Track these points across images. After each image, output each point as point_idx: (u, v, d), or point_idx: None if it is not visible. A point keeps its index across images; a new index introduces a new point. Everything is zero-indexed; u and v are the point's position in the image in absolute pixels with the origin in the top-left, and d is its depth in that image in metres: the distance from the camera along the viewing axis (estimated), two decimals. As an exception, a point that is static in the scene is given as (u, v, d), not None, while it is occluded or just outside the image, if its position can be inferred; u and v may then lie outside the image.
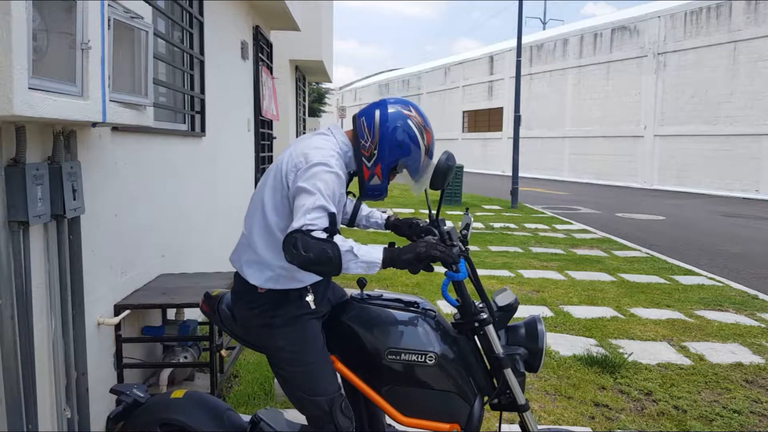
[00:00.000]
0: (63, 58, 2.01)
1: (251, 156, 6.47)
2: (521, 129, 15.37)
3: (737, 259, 8.03)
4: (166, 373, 3.06)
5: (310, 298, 1.91)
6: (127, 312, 2.87)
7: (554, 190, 19.98)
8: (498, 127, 31.06)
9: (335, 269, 1.66)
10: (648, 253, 8.27)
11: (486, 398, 1.96)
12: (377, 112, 1.92)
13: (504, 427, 3.09)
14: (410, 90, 39.39)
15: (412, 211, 12.85)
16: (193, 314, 3.55)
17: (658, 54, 21.63)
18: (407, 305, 2.00)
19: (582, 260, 7.62)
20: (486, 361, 1.96)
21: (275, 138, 8.25)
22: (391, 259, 1.73)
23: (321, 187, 1.71)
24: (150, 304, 2.95)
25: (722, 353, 4.21)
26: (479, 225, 10.96)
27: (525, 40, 21.67)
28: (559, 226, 10.96)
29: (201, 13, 4.45)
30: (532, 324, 1.98)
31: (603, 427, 3.11)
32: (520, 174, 15.30)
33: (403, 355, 1.88)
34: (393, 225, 2.27)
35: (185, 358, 3.12)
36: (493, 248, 8.60)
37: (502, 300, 1.96)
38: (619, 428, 3.11)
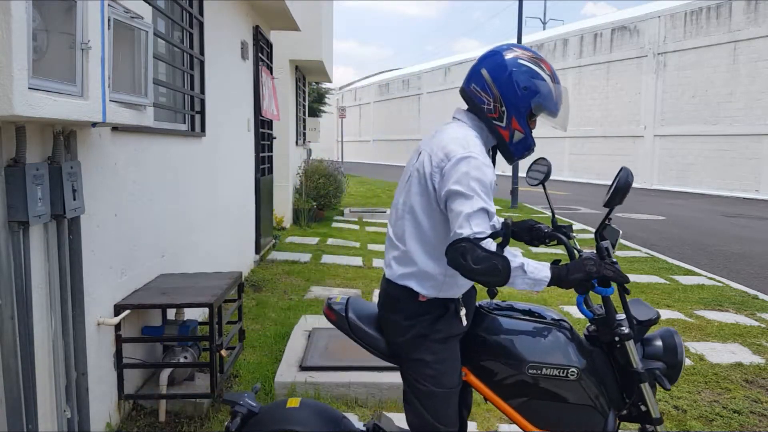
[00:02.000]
0: (63, 58, 2.02)
1: (251, 156, 6.47)
2: (521, 129, 15.34)
3: (737, 259, 8.03)
4: (166, 373, 3.06)
5: (463, 312, 1.87)
6: (127, 312, 2.87)
7: (554, 190, 19.98)
8: (498, 127, 31.02)
9: (501, 282, 1.62)
10: (648, 253, 8.27)
11: (618, 411, 1.93)
12: (484, 71, 1.82)
13: (504, 427, 3.09)
14: (410, 90, 39.39)
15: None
16: (193, 314, 3.55)
17: (658, 54, 21.62)
18: (537, 316, 1.97)
19: (582, 260, 7.61)
20: (616, 373, 1.92)
21: (275, 138, 8.24)
22: (558, 277, 1.68)
23: (476, 187, 1.65)
24: (150, 304, 2.95)
25: (722, 353, 4.21)
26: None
27: (525, 40, 21.67)
28: (559, 226, 10.95)
29: (201, 13, 4.45)
30: (668, 337, 1.94)
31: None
32: (520, 174, 15.30)
33: (544, 369, 1.84)
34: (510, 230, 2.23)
35: (185, 358, 3.12)
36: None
37: (643, 315, 1.93)
38: (618, 428, 3.11)
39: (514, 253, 1.65)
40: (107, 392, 2.82)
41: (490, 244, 1.61)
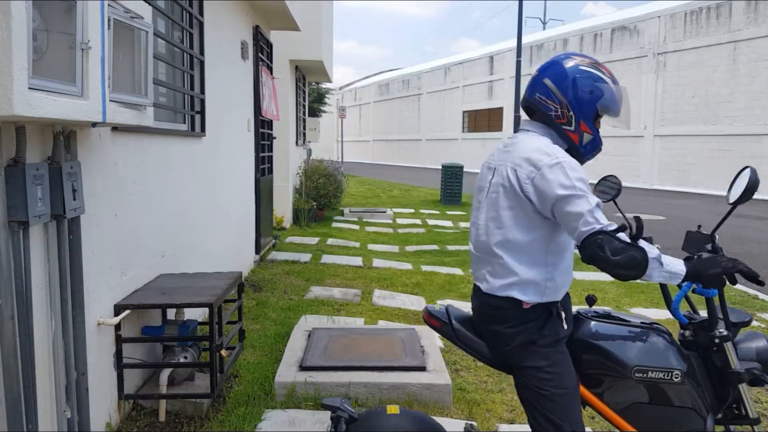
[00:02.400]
0: (63, 58, 2.02)
1: (251, 156, 6.47)
2: (521, 129, 15.36)
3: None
4: (166, 373, 3.06)
5: (563, 315, 1.91)
6: (127, 312, 2.87)
7: (554, 190, 19.95)
8: (498, 127, 31.05)
9: (638, 275, 1.65)
10: (648, 253, 8.27)
11: (715, 414, 1.95)
12: (547, 80, 1.91)
13: (504, 427, 3.09)
14: (410, 90, 39.38)
15: (413, 211, 12.84)
16: (193, 314, 3.55)
17: (658, 54, 21.62)
18: (628, 322, 2.01)
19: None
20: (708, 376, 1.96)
21: (275, 138, 8.24)
22: (695, 271, 1.73)
23: (581, 186, 1.73)
24: (150, 304, 2.95)
25: (722, 353, 4.21)
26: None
27: (525, 40, 21.68)
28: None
29: (201, 13, 4.45)
30: (758, 339, 1.99)
31: (603, 426, 3.11)
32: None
33: (650, 372, 1.88)
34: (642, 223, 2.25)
35: (185, 358, 3.12)
36: (493, 248, 8.58)
37: (735, 317, 1.97)
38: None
39: (650, 245, 1.68)
40: (107, 392, 2.82)
41: (624, 237, 1.65)
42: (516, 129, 14.83)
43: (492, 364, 2.03)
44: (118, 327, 2.85)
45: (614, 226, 1.66)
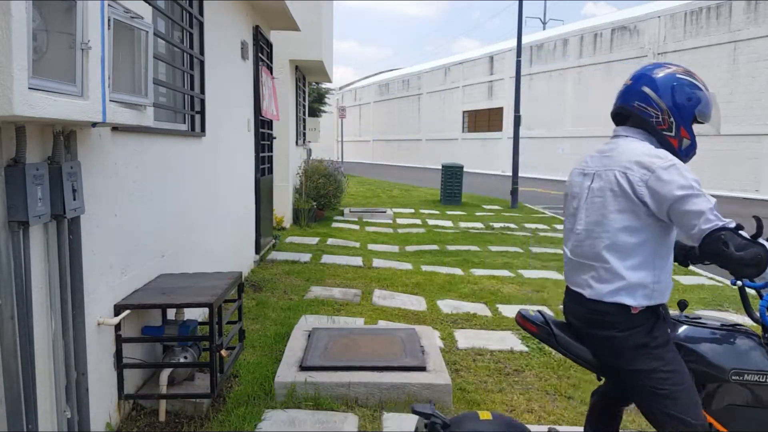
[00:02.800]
0: (63, 58, 2.02)
1: (251, 156, 6.47)
2: (521, 129, 15.38)
3: (737, 259, 8.02)
4: (166, 373, 3.06)
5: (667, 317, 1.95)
6: (127, 312, 2.87)
7: (554, 190, 19.98)
8: (498, 127, 31.07)
9: (759, 272, 1.69)
10: (648, 253, 8.26)
11: None
12: (646, 88, 1.97)
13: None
14: (410, 90, 39.39)
15: (413, 211, 12.85)
16: (193, 314, 3.55)
17: (658, 54, 21.63)
18: (713, 324, 2.05)
19: (582, 260, 7.60)
20: None
21: (275, 138, 8.24)
22: None
23: (698, 186, 1.77)
24: (150, 304, 2.95)
25: (722, 353, 4.21)
26: (479, 225, 10.95)
27: (525, 40, 21.65)
28: (559, 226, 10.95)
29: (201, 13, 4.45)
30: None
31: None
32: (520, 174, 15.29)
33: (746, 375, 1.91)
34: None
35: (185, 358, 3.12)
36: (493, 248, 8.61)
37: None
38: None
39: None
40: (107, 392, 2.83)
41: (746, 234, 1.69)
42: (516, 129, 14.82)
43: (593, 369, 2.04)
44: (118, 327, 2.85)
45: (734, 224, 1.69)
